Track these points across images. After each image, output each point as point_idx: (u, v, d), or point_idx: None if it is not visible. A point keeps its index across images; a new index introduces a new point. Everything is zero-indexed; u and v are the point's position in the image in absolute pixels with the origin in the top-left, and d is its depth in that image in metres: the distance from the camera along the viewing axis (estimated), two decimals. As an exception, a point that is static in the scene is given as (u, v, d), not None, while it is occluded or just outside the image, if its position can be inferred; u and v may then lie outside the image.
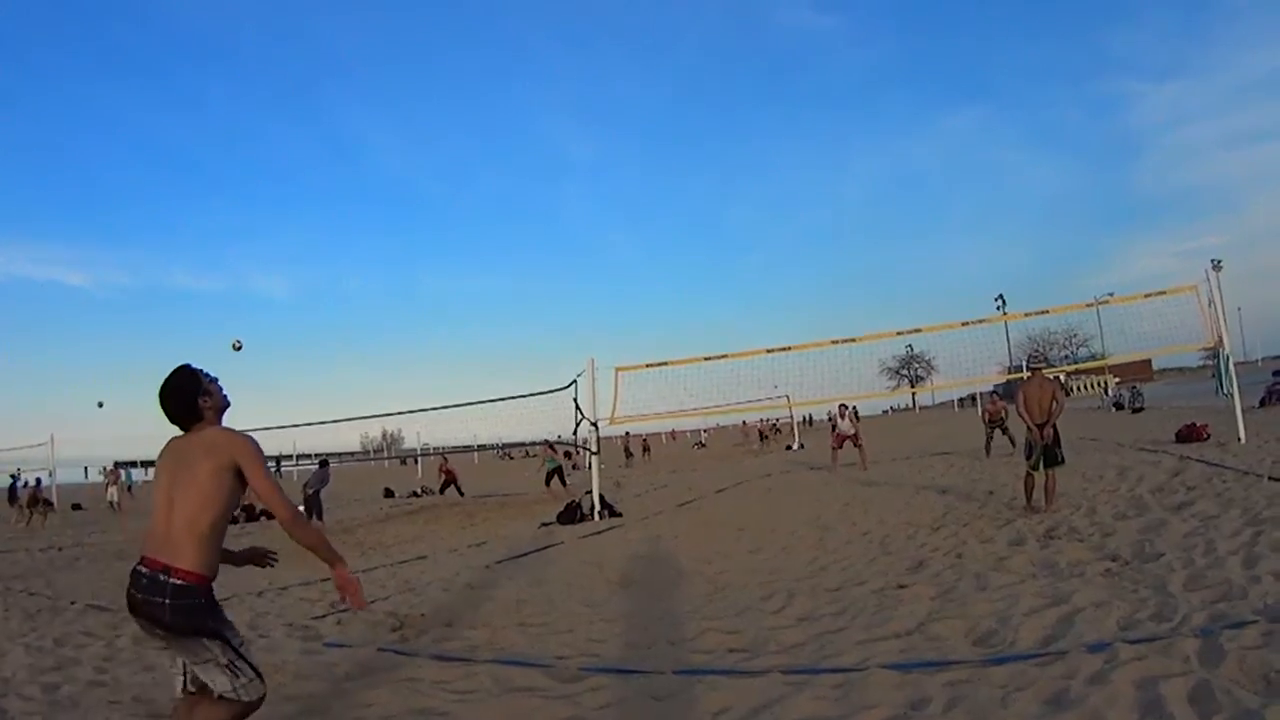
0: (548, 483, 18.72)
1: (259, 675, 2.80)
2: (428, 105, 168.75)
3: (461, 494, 21.92)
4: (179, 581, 2.61)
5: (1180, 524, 6.34)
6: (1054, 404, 8.14)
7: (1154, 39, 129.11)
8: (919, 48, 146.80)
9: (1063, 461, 8.27)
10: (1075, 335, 68.63)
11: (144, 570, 2.66)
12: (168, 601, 2.60)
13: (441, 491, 22.76)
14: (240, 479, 2.76)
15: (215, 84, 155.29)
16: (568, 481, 18.85)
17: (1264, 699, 2.87)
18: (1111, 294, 16.51)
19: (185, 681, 2.80)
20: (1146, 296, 13.86)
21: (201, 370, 2.93)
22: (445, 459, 26.21)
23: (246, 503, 18.67)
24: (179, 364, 2.91)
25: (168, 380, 2.87)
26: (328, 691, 4.21)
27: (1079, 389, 52.85)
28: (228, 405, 2.97)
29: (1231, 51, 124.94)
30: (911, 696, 3.42)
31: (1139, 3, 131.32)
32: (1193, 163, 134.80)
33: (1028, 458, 8.33)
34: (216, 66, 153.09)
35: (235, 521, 17.64)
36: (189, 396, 2.86)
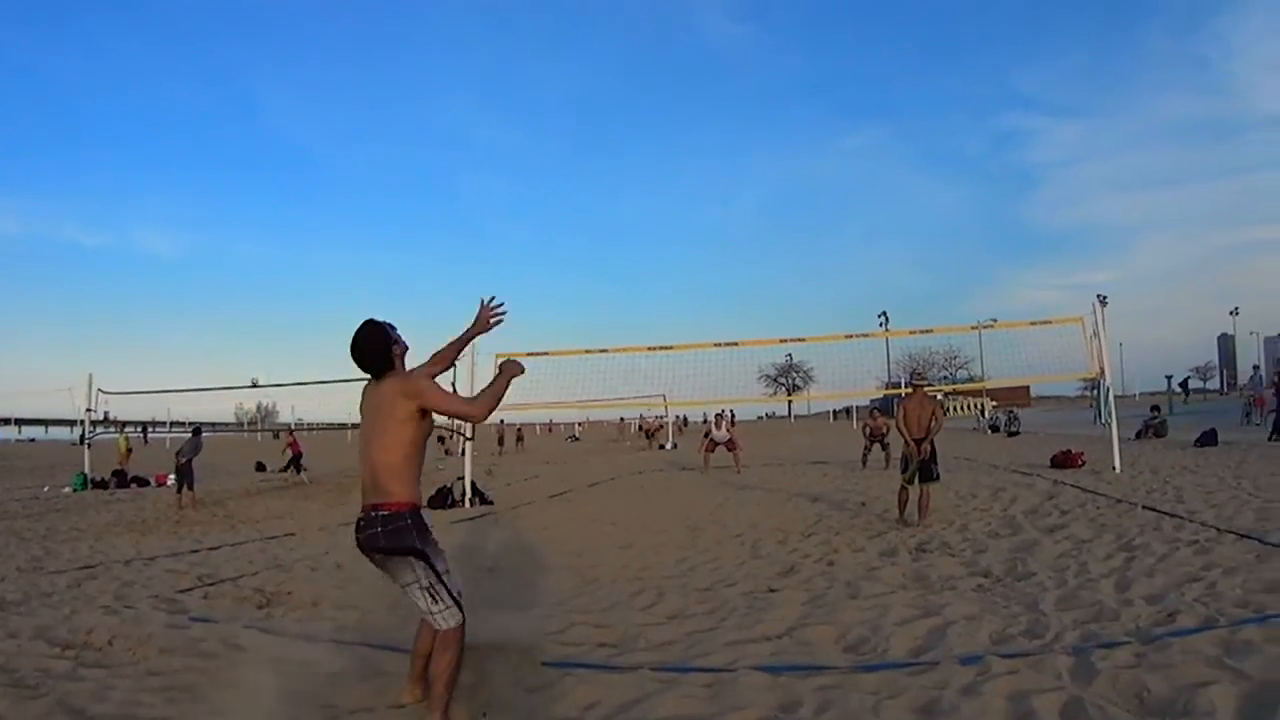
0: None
1: (458, 604, 3.27)
2: (329, 72, 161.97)
3: (300, 471, 20.62)
4: (386, 511, 3.18)
5: (1053, 545, 6.68)
6: (933, 421, 8.47)
7: (1058, 77, 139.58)
8: (827, 64, 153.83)
9: (938, 478, 8.61)
10: (956, 357, 72.79)
11: (361, 517, 3.24)
12: (380, 530, 3.17)
13: (285, 470, 21.40)
14: (426, 412, 3.23)
15: (110, 28, 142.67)
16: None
17: (1136, 718, 2.97)
18: (995, 319, 17.47)
19: None
20: (1033, 324, 14.87)
21: (385, 322, 3.34)
22: (291, 433, 25.19)
23: (119, 469, 19.00)
24: (365, 319, 3.31)
25: (362, 338, 3.29)
26: (192, 667, 4.23)
27: (956, 409, 55.94)
28: (407, 348, 3.42)
29: (1136, 97, 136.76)
30: (782, 699, 3.44)
31: (1048, 40, 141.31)
32: (1086, 200, 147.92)
33: (903, 472, 8.63)
34: (114, 11, 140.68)
35: (105, 486, 17.93)
36: (383, 349, 3.30)
